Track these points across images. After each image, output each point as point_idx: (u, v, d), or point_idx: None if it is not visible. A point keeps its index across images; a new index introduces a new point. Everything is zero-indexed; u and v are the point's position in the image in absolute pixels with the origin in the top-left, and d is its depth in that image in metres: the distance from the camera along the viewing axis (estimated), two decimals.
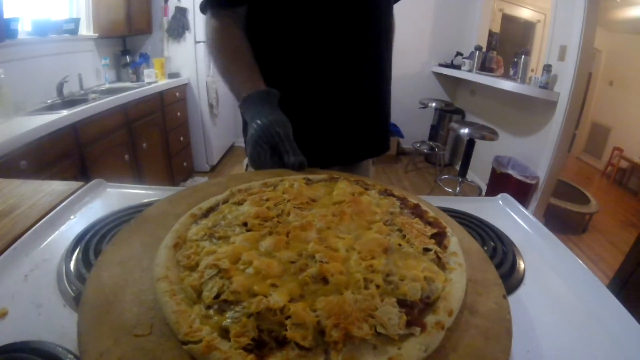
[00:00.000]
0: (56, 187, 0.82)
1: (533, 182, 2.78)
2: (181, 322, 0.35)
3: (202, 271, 0.41)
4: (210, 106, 3.47)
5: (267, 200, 0.57)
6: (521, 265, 0.63)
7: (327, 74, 0.81)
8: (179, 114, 3.19)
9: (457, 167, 3.87)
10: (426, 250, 0.48)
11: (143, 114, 2.61)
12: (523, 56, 2.94)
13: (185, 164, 3.37)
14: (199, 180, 3.43)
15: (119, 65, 3.13)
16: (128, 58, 3.11)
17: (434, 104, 3.97)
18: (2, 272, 0.54)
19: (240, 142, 4.79)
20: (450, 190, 3.50)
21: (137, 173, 2.55)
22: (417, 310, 0.38)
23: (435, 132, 4.34)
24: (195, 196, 0.63)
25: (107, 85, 2.89)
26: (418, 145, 4.24)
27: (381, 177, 3.92)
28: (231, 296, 0.38)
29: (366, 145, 0.93)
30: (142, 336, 0.36)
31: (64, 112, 1.84)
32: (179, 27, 3.16)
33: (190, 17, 3.14)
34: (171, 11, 3.14)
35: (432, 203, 0.64)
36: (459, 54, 4.00)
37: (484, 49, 3.73)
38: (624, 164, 4.25)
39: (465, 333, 0.38)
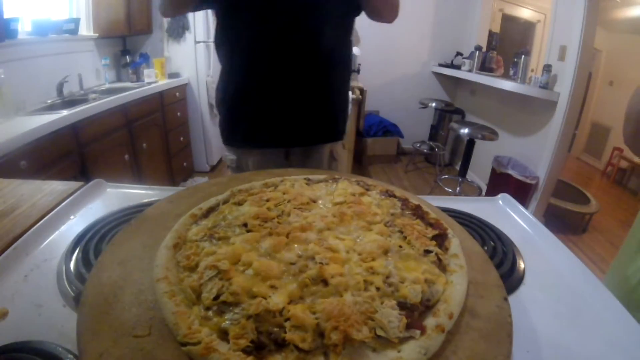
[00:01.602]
0: (56, 187, 0.82)
1: (533, 182, 2.78)
2: (180, 323, 0.35)
3: (201, 272, 0.41)
4: (210, 106, 3.47)
5: (268, 200, 0.57)
6: (521, 265, 0.62)
7: (282, 67, 0.94)
8: (179, 114, 3.19)
9: (457, 167, 3.87)
10: (427, 252, 0.48)
11: (143, 114, 2.61)
12: (523, 56, 2.94)
13: (185, 164, 3.37)
14: (199, 180, 3.43)
15: (119, 65, 3.13)
16: (128, 58, 3.11)
17: (434, 104, 3.97)
18: (2, 272, 0.54)
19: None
20: (450, 190, 3.50)
21: (137, 173, 2.55)
22: (417, 313, 0.38)
23: (435, 132, 4.33)
24: (196, 196, 0.63)
25: (107, 85, 2.89)
26: (418, 145, 4.24)
27: (381, 177, 3.92)
28: (230, 297, 0.37)
29: (317, 131, 1.05)
30: (141, 337, 0.36)
31: (64, 112, 1.84)
32: (179, 27, 3.16)
33: (190, 17, 3.14)
34: None
35: (432, 203, 0.64)
36: (459, 54, 4.00)
37: (484, 49, 3.73)
38: (624, 164, 4.25)
39: (465, 336, 0.38)
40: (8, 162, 1.44)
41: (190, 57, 3.25)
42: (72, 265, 0.56)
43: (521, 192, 2.76)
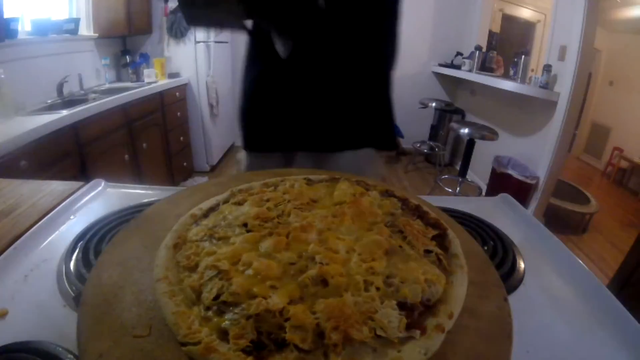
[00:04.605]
0: (56, 187, 0.82)
1: (533, 182, 2.78)
2: (180, 323, 0.35)
3: (201, 272, 0.41)
4: (210, 106, 3.47)
5: (268, 200, 0.57)
6: (521, 265, 0.62)
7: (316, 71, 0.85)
8: (179, 114, 3.19)
9: (457, 167, 3.87)
10: (427, 252, 0.48)
11: (143, 114, 2.61)
12: (523, 56, 2.94)
13: (185, 164, 3.37)
14: (199, 180, 3.43)
15: (119, 65, 3.13)
16: (128, 58, 3.11)
17: (434, 104, 3.97)
18: (2, 272, 0.54)
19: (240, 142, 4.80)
20: (450, 190, 3.50)
21: (137, 173, 2.55)
22: (417, 313, 0.38)
23: (435, 132, 4.33)
24: (196, 196, 0.63)
25: (107, 85, 2.89)
26: (418, 145, 4.24)
27: None
28: (230, 297, 0.37)
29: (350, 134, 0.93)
30: (141, 337, 0.36)
31: (64, 112, 1.84)
32: (179, 27, 3.16)
33: None
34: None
35: (432, 203, 0.64)
36: (459, 54, 4.00)
37: (484, 49, 3.73)
38: (624, 164, 4.25)
39: (465, 336, 0.38)
40: (8, 162, 1.44)
41: (190, 57, 3.25)
42: (72, 265, 0.56)
43: (521, 192, 2.76)
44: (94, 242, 0.61)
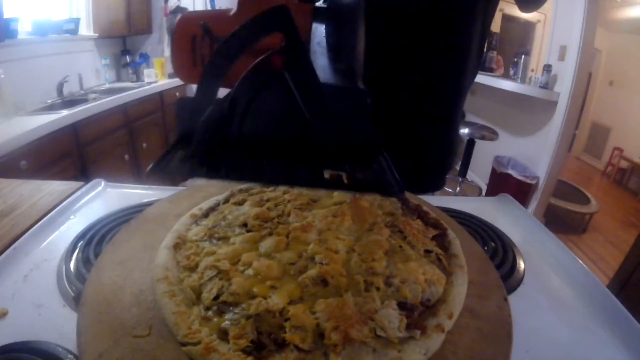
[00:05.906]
0: (56, 187, 0.82)
1: (533, 182, 2.78)
2: (180, 323, 0.35)
3: (201, 272, 0.41)
4: None
5: (268, 200, 0.57)
6: (521, 265, 0.62)
7: None
8: None
9: (457, 167, 3.87)
10: (427, 252, 0.48)
11: (143, 114, 2.61)
12: (523, 56, 2.94)
13: None
14: (199, 180, 3.42)
15: (119, 65, 3.13)
16: (128, 58, 3.11)
17: None
18: (2, 272, 0.53)
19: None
20: (450, 190, 3.49)
21: (137, 173, 2.55)
22: (417, 313, 0.38)
23: None
24: (196, 196, 0.63)
25: (107, 85, 2.89)
26: None
27: None
28: (230, 298, 0.37)
29: None
30: (141, 337, 0.36)
31: (64, 112, 1.84)
32: None
33: None
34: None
35: (432, 203, 0.64)
36: None
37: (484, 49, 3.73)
38: (624, 164, 4.25)
39: (465, 336, 0.38)
40: (8, 162, 1.44)
41: None
42: (72, 265, 0.56)
43: (521, 192, 2.76)
44: (94, 242, 0.61)
